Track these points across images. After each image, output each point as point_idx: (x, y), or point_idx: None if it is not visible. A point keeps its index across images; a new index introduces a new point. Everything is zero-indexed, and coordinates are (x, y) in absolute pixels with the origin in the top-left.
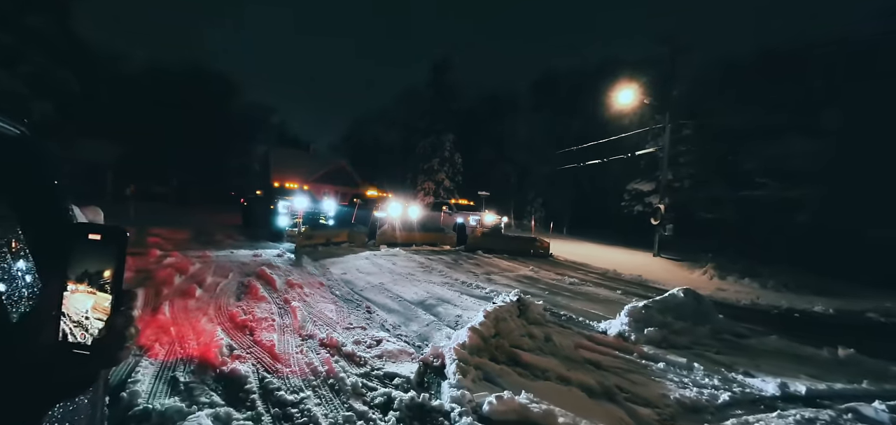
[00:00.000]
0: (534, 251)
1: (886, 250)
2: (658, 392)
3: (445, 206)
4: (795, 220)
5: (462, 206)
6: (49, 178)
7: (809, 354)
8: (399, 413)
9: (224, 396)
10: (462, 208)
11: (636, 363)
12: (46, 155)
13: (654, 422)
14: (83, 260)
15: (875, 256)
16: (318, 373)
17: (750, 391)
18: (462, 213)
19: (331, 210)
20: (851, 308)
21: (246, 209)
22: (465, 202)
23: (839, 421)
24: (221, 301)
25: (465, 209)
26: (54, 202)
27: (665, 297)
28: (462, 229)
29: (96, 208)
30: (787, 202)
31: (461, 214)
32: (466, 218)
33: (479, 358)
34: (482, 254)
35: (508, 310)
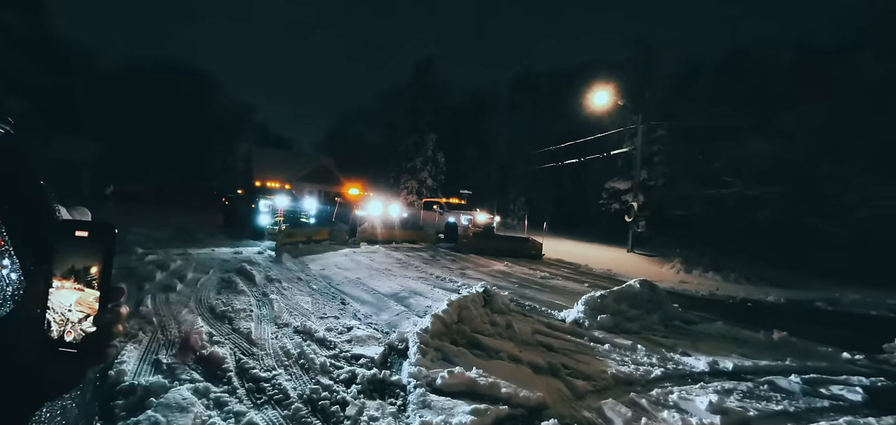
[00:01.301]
0: (526, 252)
1: (838, 245)
2: (598, 368)
3: (437, 205)
4: (757, 217)
5: (453, 205)
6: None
7: (748, 337)
8: (361, 386)
9: (203, 374)
10: (453, 207)
11: (585, 345)
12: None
13: (587, 392)
14: (70, 257)
15: (828, 250)
16: (291, 355)
17: (682, 367)
18: (454, 213)
19: (312, 208)
20: (801, 297)
21: (227, 208)
22: (457, 201)
23: (755, 391)
24: (202, 294)
25: (456, 208)
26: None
27: (622, 288)
28: (453, 229)
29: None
30: (750, 200)
31: (453, 213)
32: (458, 217)
33: (440, 342)
34: (476, 256)
35: (473, 300)
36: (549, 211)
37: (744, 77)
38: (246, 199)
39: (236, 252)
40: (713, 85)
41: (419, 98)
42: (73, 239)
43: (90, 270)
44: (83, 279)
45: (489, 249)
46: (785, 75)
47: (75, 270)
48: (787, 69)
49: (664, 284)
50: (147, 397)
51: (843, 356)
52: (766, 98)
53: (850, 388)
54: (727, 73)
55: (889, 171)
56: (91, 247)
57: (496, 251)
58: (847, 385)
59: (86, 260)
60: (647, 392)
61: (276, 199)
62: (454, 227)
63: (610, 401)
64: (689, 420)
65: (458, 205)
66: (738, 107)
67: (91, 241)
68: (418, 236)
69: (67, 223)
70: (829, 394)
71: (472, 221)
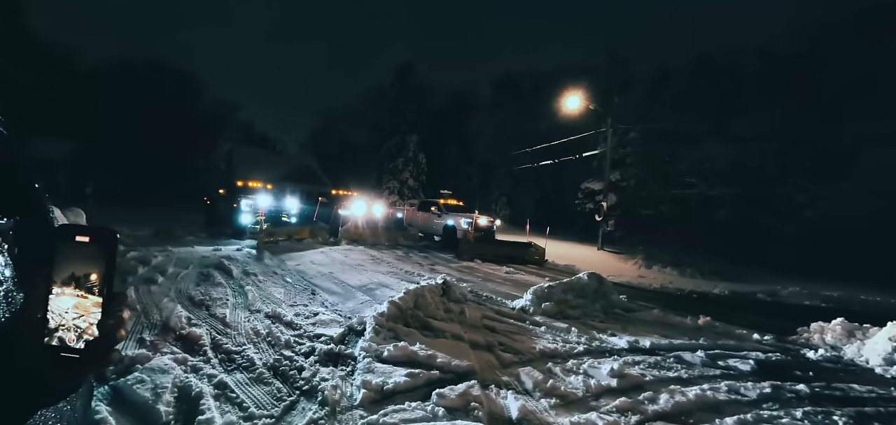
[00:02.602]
0: (530, 257)
1: (789, 242)
2: (529, 346)
3: (434, 207)
4: (717, 216)
5: (452, 207)
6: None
7: (676, 322)
8: (318, 357)
9: (182, 348)
10: (452, 209)
11: (525, 328)
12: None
13: (512, 363)
14: (71, 262)
15: (780, 247)
16: (260, 334)
17: (605, 345)
18: (452, 214)
19: (293, 208)
20: (745, 290)
21: (209, 208)
22: (455, 202)
23: (660, 363)
24: (182, 286)
25: (455, 210)
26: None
27: (571, 280)
28: (452, 232)
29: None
30: (711, 200)
31: (451, 215)
32: (458, 220)
33: (394, 324)
34: (480, 262)
35: (430, 290)
36: (531, 211)
37: (708, 84)
38: (228, 199)
39: (216, 249)
40: (680, 91)
41: (401, 99)
42: (75, 244)
43: (92, 275)
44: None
45: (491, 255)
46: (743, 83)
47: (76, 275)
48: (745, 77)
49: (623, 278)
50: (133, 364)
51: (754, 337)
52: (726, 104)
53: (744, 361)
54: (693, 79)
55: (832, 174)
56: (92, 252)
57: (498, 257)
58: (743, 359)
59: (87, 265)
60: (564, 363)
61: (257, 199)
62: (453, 231)
63: (528, 369)
64: (589, 382)
65: (457, 207)
66: (702, 112)
67: (92, 246)
68: (402, 236)
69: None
70: (724, 366)
71: (473, 224)
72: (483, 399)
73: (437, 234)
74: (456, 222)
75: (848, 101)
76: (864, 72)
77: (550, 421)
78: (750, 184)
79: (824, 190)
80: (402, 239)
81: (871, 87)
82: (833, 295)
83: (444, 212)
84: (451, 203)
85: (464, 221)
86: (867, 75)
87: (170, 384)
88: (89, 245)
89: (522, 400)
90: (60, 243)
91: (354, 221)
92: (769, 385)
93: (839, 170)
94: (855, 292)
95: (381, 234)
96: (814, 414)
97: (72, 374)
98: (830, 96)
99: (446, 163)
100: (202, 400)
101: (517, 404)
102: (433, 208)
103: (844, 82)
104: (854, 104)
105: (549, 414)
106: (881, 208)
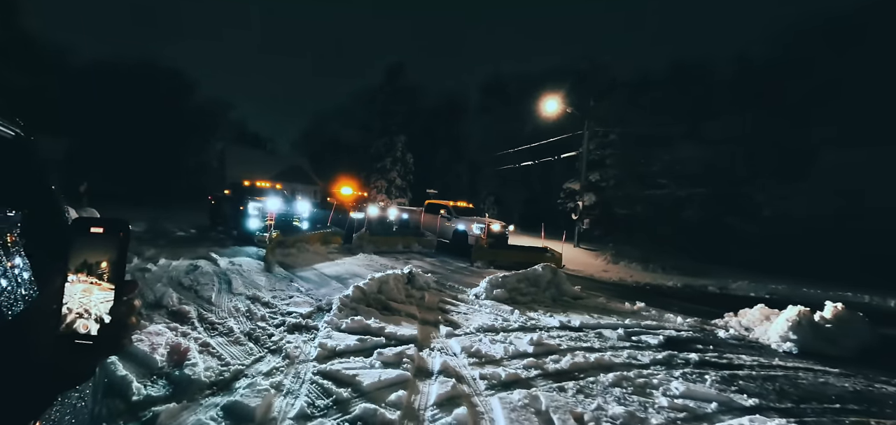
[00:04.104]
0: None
1: (751, 240)
2: (471, 323)
3: (443, 210)
4: (685, 216)
5: (462, 210)
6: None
7: (615, 308)
8: (285, 327)
9: (172, 319)
10: (462, 212)
11: (473, 309)
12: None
13: (451, 334)
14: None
15: (744, 246)
16: (239, 310)
17: (539, 323)
18: (463, 219)
19: (304, 211)
20: (699, 283)
21: (214, 208)
22: (465, 204)
23: (581, 337)
24: (172, 274)
25: (465, 213)
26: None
27: (526, 271)
28: (463, 238)
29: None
30: (680, 200)
31: (462, 220)
32: (469, 225)
33: (357, 304)
34: (494, 269)
35: (395, 278)
36: (519, 210)
37: (682, 89)
38: (233, 200)
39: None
40: (658, 95)
41: (390, 101)
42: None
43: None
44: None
45: (507, 261)
46: (716, 88)
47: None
48: (717, 83)
49: (588, 273)
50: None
51: (678, 320)
52: (699, 108)
53: (655, 336)
54: (669, 85)
55: (793, 174)
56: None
57: (516, 263)
58: (655, 335)
59: (101, 255)
60: (495, 335)
61: (267, 202)
62: (464, 236)
63: (462, 338)
64: (509, 348)
65: (467, 210)
66: (677, 115)
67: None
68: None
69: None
70: (636, 340)
71: (486, 230)
72: (415, 357)
73: (446, 239)
74: (467, 227)
75: (813, 106)
76: (829, 78)
77: (463, 372)
78: (719, 184)
79: (785, 190)
80: (418, 245)
81: (834, 92)
82: (778, 288)
83: (453, 215)
84: (460, 205)
85: (475, 226)
86: (831, 81)
87: (163, 342)
88: (103, 236)
89: (447, 359)
90: (76, 234)
91: (369, 226)
92: (666, 354)
93: (800, 171)
94: (800, 286)
95: (396, 241)
96: (689, 375)
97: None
98: (797, 101)
99: (436, 163)
100: (189, 353)
101: (441, 360)
102: (442, 212)
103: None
104: (819, 108)
105: (464, 367)
106: (839, 207)
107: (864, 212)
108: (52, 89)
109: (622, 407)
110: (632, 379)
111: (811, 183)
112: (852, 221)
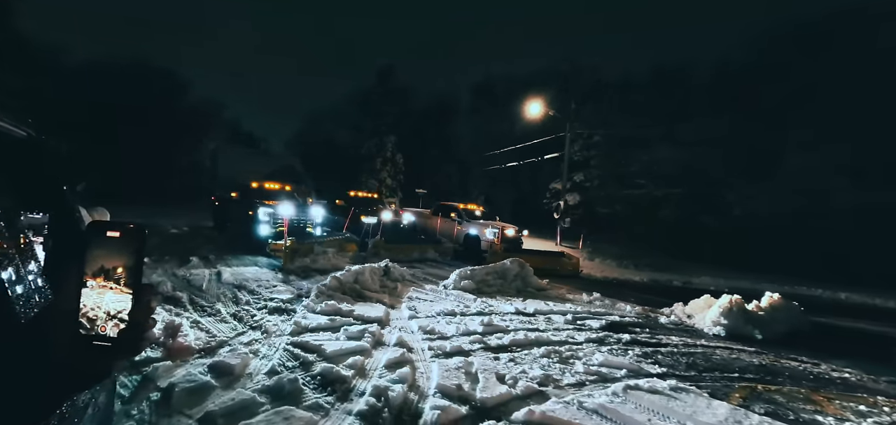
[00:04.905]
0: (564, 269)
1: (723, 238)
2: (435, 308)
3: (454, 212)
4: (661, 214)
5: (473, 213)
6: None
7: (573, 298)
8: (267, 310)
9: (167, 303)
10: (472, 215)
11: (440, 297)
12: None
13: (414, 317)
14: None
15: (717, 243)
16: (227, 296)
17: (496, 309)
18: (474, 222)
19: (318, 217)
20: (665, 278)
21: (218, 209)
22: (475, 207)
23: (530, 320)
24: (166, 266)
25: (476, 217)
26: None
27: (495, 265)
28: (475, 243)
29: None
30: (657, 199)
31: (473, 223)
32: (481, 229)
33: (333, 291)
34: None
35: (371, 269)
36: (509, 210)
37: (662, 93)
38: (241, 204)
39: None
40: (639, 98)
41: (381, 102)
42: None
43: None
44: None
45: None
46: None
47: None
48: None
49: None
50: None
51: (626, 308)
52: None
53: (598, 320)
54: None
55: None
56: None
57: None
58: (599, 319)
59: (118, 258)
60: (453, 317)
61: (279, 208)
62: (476, 241)
63: (422, 320)
64: (461, 327)
65: (476, 213)
66: (656, 118)
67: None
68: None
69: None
70: (581, 323)
71: (500, 234)
72: (376, 333)
73: (458, 244)
74: (480, 232)
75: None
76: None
77: (415, 344)
78: (694, 185)
79: (753, 189)
80: (433, 252)
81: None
82: (738, 284)
83: (464, 219)
84: (470, 208)
85: (489, 231)
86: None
87: (158, 319)
88: (119, 240)
89: (404, 335)
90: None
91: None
92: (603, 334)
93: (767, 171)
94: (760, 280)
95: (411, 249)
96: (615, 350)
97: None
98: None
99: (426, 164)
100: (182, 328)
101: (398, 336)
102: (452, 214)
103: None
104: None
105: (417, 341)
106: (802, 206)
107: (827, 211)
108: (47, 90)
109: (542, 371)
110: (561, 353)
111: (777, 183)
112: (816, 220)
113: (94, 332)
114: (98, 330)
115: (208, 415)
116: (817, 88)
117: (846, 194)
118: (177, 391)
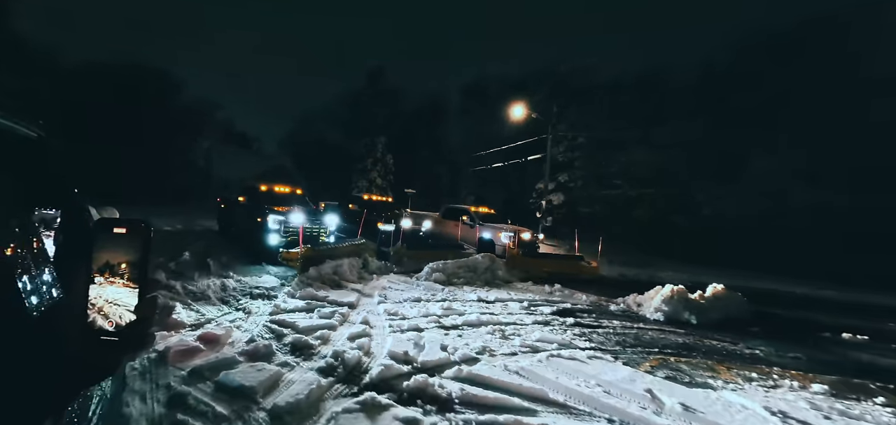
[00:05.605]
0: (583, 274)
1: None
2: (404, 296)
3: (465, 215)
4: (636, 214)
5: (483, 216)
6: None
7: (535, 289)
8: (250, 295)
9: (163, 290)
10: (484, 218)
11: (411, 287)
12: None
13: (382, 302)
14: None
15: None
16: (216, 286)
17: (458, 297)
18: (488, 227)
19: (332, 224)
20: (632, 273)
21: (224, 212)
22: (486, 210)
23: (488, 307)
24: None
25: (486, 219)
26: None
27: (467, 259)
28: (490, 248)
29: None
30: (631, 199)
31: (487, 227)
32: (496, 233)
33: (312, 280)
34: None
35: (350, 263)
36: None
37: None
38: (250, 208)
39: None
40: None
41: (372, 103)
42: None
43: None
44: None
45: (542, 272)
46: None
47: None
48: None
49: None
50: None
51: (582, 298)
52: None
53: (551, 307)
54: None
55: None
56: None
57: (552, 275)
58: (552, 306)
59: (124, 254)
60: (418, 302)
61: (292, 215)
62: (490, 246)
63: (390, 305)
64: (422, 309)
65: (488, 216)
66: (633, 121)
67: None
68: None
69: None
70: (533, 309)
71: (516, 238)
72: (346, 314)
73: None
74: (494, 235)
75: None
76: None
77: (377, 323)
78: (667, 186)
79: (721, 191)
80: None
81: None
82: (701, 278)
83: (476, 222)
84: (482, 211)
85: (504, 235)
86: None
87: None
88: (126, 236)
89: (370, 316)
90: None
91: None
92: (550, 318)
93: (733, 174)
94: (722, 275)
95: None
96: (556, 330)
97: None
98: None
99: (417, 164)
100: (175, 309)
101: (364, 316)
102: (464, 217)
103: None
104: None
105: (380, 321)
106: (767, 207)
107: (786, 210)
108: (44, 91)
109: (483, 344)
110: (505, 331)
111: (743, 185)
112: (778, 220)
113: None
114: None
115: (196, 368)
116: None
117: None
118: (171, 352)
